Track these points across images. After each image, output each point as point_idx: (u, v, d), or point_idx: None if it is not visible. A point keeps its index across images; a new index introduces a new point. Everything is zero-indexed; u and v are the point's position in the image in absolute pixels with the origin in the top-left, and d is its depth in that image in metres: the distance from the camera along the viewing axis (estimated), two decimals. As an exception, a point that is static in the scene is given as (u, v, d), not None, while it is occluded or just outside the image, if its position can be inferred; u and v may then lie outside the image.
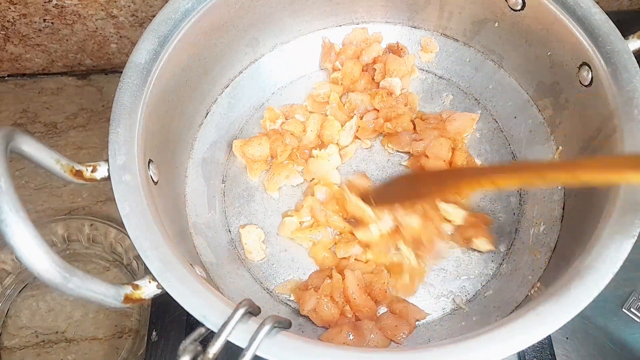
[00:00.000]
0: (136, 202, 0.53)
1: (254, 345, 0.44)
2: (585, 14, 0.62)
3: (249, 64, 0.80)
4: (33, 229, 0.38)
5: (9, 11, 0.88)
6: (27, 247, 0.38)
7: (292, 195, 0.76)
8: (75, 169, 0.52)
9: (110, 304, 0.45)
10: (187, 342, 0.44)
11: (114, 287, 0.45)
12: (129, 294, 0.47)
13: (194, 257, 0.66)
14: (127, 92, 0.59)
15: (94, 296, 0.43)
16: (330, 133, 0.77)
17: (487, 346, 0.45)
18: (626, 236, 0.49)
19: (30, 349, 0.81)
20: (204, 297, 0.48)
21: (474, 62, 0.81)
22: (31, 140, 0.47)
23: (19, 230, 0.38)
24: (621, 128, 0.57)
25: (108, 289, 0.44)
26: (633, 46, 0.60)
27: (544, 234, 0.68)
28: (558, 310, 0.46)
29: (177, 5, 0.64)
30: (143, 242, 0.50)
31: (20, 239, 0.38)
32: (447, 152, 0.74)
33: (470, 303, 0.67)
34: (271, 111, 0.80)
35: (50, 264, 0.39)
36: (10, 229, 0.38)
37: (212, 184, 0.75)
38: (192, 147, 0.74)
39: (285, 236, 0.73)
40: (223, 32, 0.72)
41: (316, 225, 0.72)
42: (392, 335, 0.64)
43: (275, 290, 0.70)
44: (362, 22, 0.83)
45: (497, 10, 0.73)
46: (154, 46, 0.62)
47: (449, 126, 0.76)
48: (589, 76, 0.62)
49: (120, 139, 0.56)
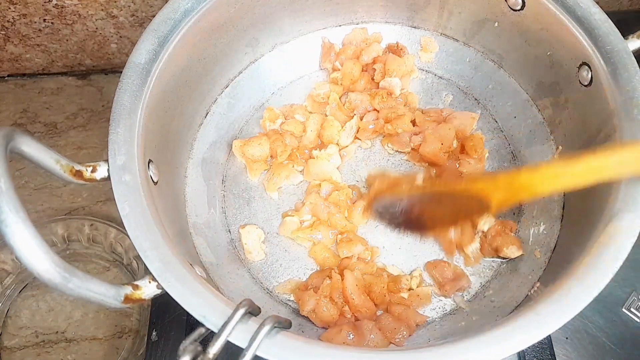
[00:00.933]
0: (136, 202, 0.53)
1: (254, 345, 0.44)
2: (584, 13, 0.62)
3: (249, 64, 0.80)
4: (33, 229, 0.38)
5: (9, 11, 0.88)
6: (27, 247, 0.38)
7: (292, 194, 0.76)
8: (75, 169, 0.52)
9: (110, 304, 0.45)
10: (187, 343, 0.44)
11: (113, 288, 0.45)
12: (129, 294, 0.47)
13: (194, 257, 0.66)
14: (126, 92, 0.59)
15: (93, 296, 0.43)
16: (330, 133, 0.77)
17: (487, 346, 0.45)
18: (627, 235, 0.49)
19: (30, 349, 0.81)
20: (204, 297, 0.48)
21: (474, 62, 0.81)
22: (31, 140, 0.47)
23: (19, 231, 0.38)
24: (621, 128, 0.57)
25: (108, 289, 0.44)
26: (633, 46, 0.60)
27: (544, 234, 0.68)
28: (558, 310, 0.46)
29: (176, 5, 0.64)
30: (143, 242, 0.50)
31: (20, 240, 0.38)
32: (452, 138, 0.74)
33: (470, 303, 0.67)
34: (271, 111, 0.80)
35: (50, 264, 0.39)
36: (10, 230, 0.38)
37: (212, 184, 0.75)
38: (191, 147, 0.74)
39: (286, 236, 0.73)
40: (223, 32, 0.72)
41: (317, 225, 0.72)
42: (391, 337, 0.63)
43: (275, 290, 0.70)
44: (362, 22, 0.83)
45: (496, 10, 0.73)
46: (153, 46, 0.62)
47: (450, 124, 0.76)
48: (589, 76, 0.62)
49: (120, 139, 0.56)
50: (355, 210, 0.72)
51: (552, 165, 0.52)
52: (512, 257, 0.68)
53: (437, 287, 0.69)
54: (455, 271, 0.69)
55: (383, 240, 0.72)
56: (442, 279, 0.68)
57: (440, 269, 0.69)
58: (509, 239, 0.68)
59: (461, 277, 0.68)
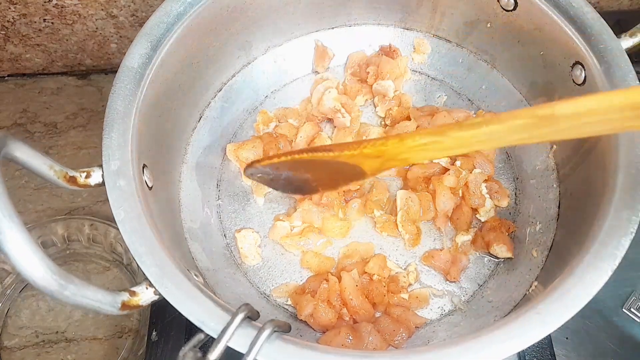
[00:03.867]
0: (131, 207, 0.52)
1: (254, 350, 0.43)
2: (577, 13, 0.62)
3: (242, 68, 0.79)
4: (27, 236, 0.37)
5: (9, 11, 0.88)
6: (22, 254, 0.37)
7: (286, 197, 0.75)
8: (69, 175, 0.51)
9: (107, 312, 0.44)
10: (186, 349, 0.43)
11: (110, 295, 0.45)
12: (126, 301, 0.46)
13: (190, 262, 0.65)
14: (120, 96, 0.58)
15: (90, 303, 0.42)
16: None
17: (487, 346, 0.45)
18: (624, 232, 0.49)
19: (30, 348, 0.81)
20: (202, 302, 0.48)
21: (467, 62, 0.81)
22: (24, 146, 0.46)
23: (13, 238, 0.37)
24: (616, 126, 0.57)
25: (105, 296, 0.44)
26: (625, 44, 0.60)
27: (541, 233, 0.68)
28: (558, 309, 0.46)
29: (169, 8, 0.64)
30: (139, 248, 0.50)
31: (15, 246, 0.37)
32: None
33: (468, 303, 0.67)
34: (264, 115, 0.79)
35: (45, 271, 0.38)
36: (4, 236, 0.37)
37: (207, 188, 0.74)
38: (185, 151, 0.74)
39: (275, 241, 0.72)
40: (215, 35, 0.71)
41: (307, 232, 0.71)
42: (390, 339, 0.63)
43: (272, 295, 0.69)
44: (355, 25, 0.83)
45: (489, 11, 0.73)
46: (146, 50, 0.61)
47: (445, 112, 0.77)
48: (582, 75, 0.63)
49: (114, 144, 0.55)
50: (350, 207, 0.72)
51: (419, 134, 0.49)
52: (501, 257, 0.69)
53: (443, 275, 0.69)
54: (452, 253, 0.69)
55: (377, 239, 0.72)
56: (443, 266, 0.68)
57: (437, 257, 0.69)
58: (502, 238, 0.68)
59: (460, 258, 0.68)
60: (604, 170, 0.57)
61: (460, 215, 0.70)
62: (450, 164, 0.73)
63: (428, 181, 0.72)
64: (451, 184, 0.70)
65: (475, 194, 0.70)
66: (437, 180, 0.71)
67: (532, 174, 0.73)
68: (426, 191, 0.72)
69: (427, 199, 0.71)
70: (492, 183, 0.71)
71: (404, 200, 0.71)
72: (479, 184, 0.70)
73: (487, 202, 0.70)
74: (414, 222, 0.71)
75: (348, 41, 0.83)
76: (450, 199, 0.70)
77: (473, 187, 0.70)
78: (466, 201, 0.70)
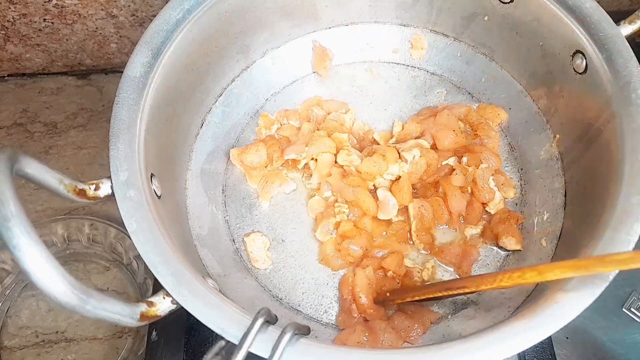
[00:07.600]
0: (143, 217, 0.52)
1: (277, 354, 0.43)
2: (576, 2, 0.63)
3: (241, 71, 0.79)
4: (46, 252, 0.37)
5: (9, 11, 0.88)
6: (42, 271, 0.37)
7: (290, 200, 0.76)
8: (78, 188, 0.51)
9: (127, 323, 0.44)
10: (208, 357, 0.43)
11: (129, 306, 0.44)
12: (145, 312, 0.46)
13: (201, 269, 0.65)
14: (124, 106, 0.58)
15: (110, 316, 0.42)
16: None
17: (488, 346, 0.45)
18: (636, 218, 0.50)
19: (30, 348, 0.80)
20: (220, 309, 0.48)
21: (465, 56, 0.81)
22: (33, 162, 0.46)
23: (33, 255, 0.37)
24: (620, 113, 0.57)
25: (124, 308, 0.43)
26: (625, 31, 0.61)
27: (548, 222, 0.68)
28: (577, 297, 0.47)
29: (168, 15, 0.64)
30: (153, 258, 0.50)
31: (35, 264, 0.36)
32: (456, 120, 0.75)
33: (480, 296, 0.67)
34: (266, 118, 0.79)
35: (67, 286, 0.37)
36: (24, 254, 0.36)
37: (213, 194, 0.74)
38: (189, 158, 0.73)
39: (316, 219, 0.73)
40: (214, 40, 0.71)
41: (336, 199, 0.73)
42: (405, 336, 0.63)
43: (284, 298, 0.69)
44: (351, 24, 0.83)
45: (486, 4, 0.73)
46: (147, 59, 0.61)
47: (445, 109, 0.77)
48: (583, 64, 0.63)
49: (121, 154, 0.55)
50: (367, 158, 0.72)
51: (560, 269, 0.48)
52: (510, 249, 0.69)
53: (455, 269, 0.69)
54: (461, 246, 0.70)
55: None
56: (454, 260, 0.69)
57: (447, 251, 0.69)
58: (511, 230, 0.69)
59: (470, 250, 0.69)
60: (609, 157, 0.58)
61: (471, 211, 0.70)
62: (457, 162, 0.73)
63: (437, 185, 0.72)
64: (460, 183, 0.70)
65: (484, 188, 0.70)
66: (445, 182, 0.71)
67: (537, 164, 0.73)
68: (436, 196, 0.72)
69: (439, 204, 0.71)
70: (498, 175, 0.72)
71: (416, 209, 0.70)
72: (487, 178, 0.70)
73: (496, 195, 0.70)
74: (429, 230, 0.70)
75: (347, 40, 0.83)
76: (462, 198, 0.70)
77: (481, 182, 0.70)
78: (476, 197, 0.71)
